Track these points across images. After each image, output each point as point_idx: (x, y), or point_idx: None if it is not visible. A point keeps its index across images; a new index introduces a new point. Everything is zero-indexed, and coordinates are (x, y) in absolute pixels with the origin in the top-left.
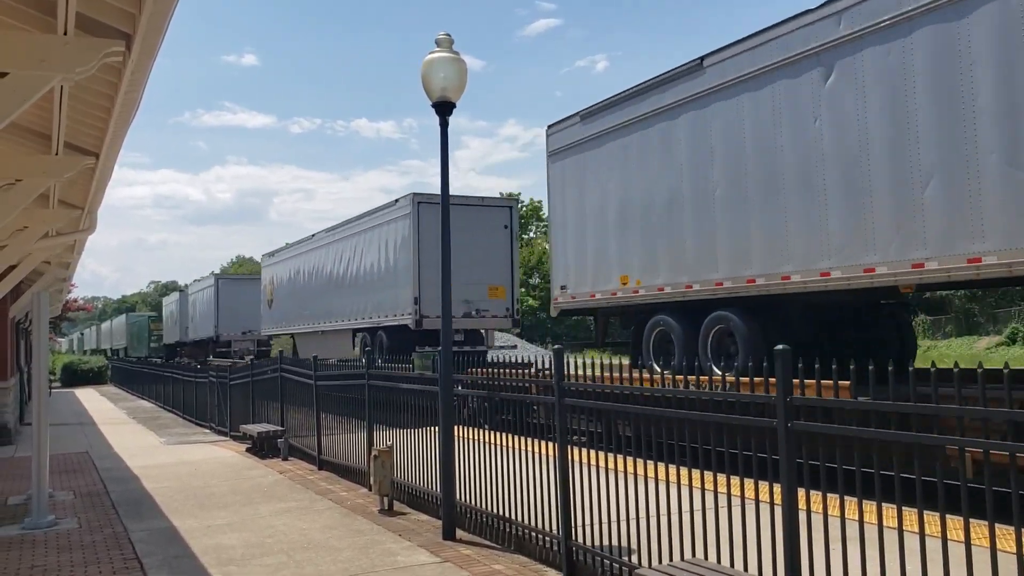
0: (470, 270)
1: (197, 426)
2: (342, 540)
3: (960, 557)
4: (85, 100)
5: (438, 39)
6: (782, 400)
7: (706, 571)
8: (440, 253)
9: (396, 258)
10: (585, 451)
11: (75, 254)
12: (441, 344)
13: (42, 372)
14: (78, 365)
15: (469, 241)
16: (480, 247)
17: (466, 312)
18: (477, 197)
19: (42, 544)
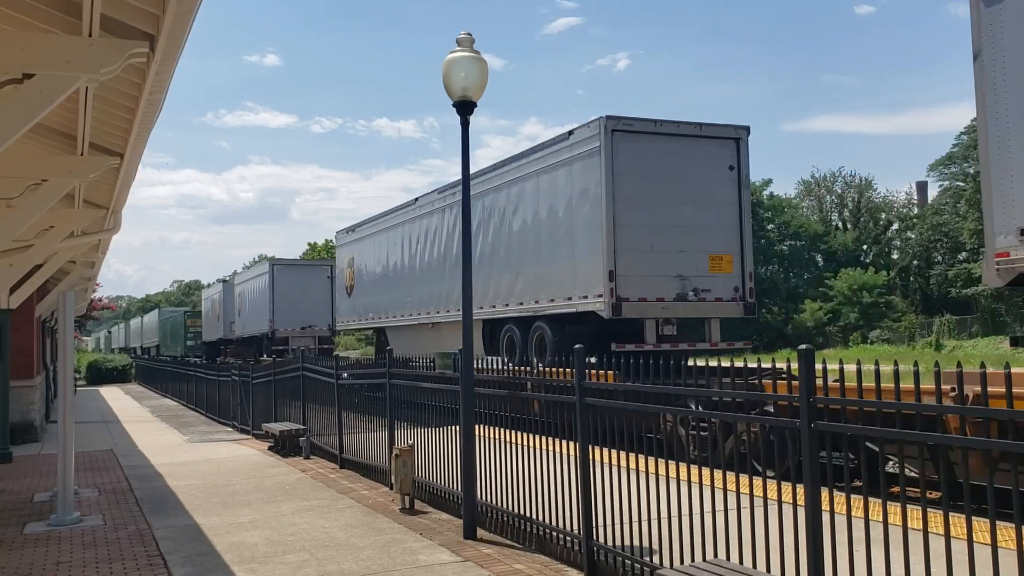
0: (682, 232)
1: (220, 424)
2: (363, 539)
3: (986, 559)
4: (110, 101)
5: (459, 38)
6: (805, 400)
7: (728, 572)
8: (651, 207)
9: (572, 216)
10: (606, 451)
11: (100, 253)
12: (463, 341)
13: (68, 370)
14: (103, 363)
15: (679, 189)
16: (694, 197)
17: (680, 293)
18: (692, 124)
19: (68, 540)
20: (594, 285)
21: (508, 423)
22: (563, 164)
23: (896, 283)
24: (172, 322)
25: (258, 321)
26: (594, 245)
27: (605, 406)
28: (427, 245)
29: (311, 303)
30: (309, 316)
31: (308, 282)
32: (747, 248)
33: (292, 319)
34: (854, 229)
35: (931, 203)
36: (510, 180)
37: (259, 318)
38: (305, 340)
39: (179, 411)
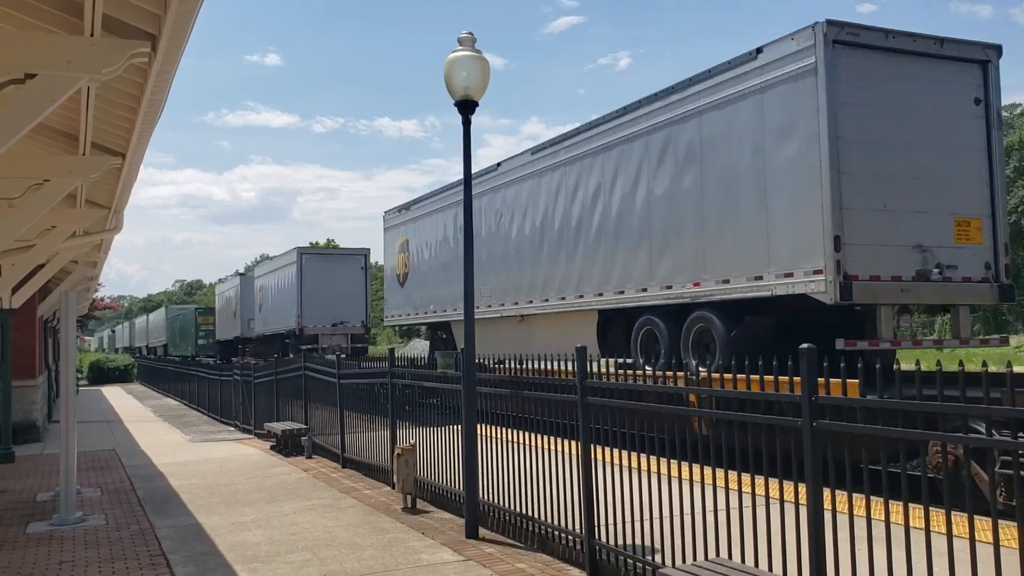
0: (921, 186)
1: (222, 424)
2: (366, 538)
3: (988, 558)
4: (111, 101)
5: (460, 38)
6: (807, 399)
7: (730, 571)
8: (883, 151)
9: (765, 163)
10: (608, 450)
11: (102, 253)
12: (464, 340)
13: (70, 370)
14: (105, 363)
15: (915, 127)
16: (934, 139)
17: (921, 269)
18: (930, 38)
19: (70, 540)
20: (806, 258)
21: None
22: (749, 94)
23: None
24: (181, 320)
25: (283, 317)
26: (806, 202)
27: (845, 431)
28: (514, 219)
29: (343, 296)
30: (341, 311)
31: (340, 273)
32: (1000, 211)
33: (322, 314)
34: None
35: None
36: (649, 127)
37: (284, 314)
38: (336, 338)
39: (181, 411)
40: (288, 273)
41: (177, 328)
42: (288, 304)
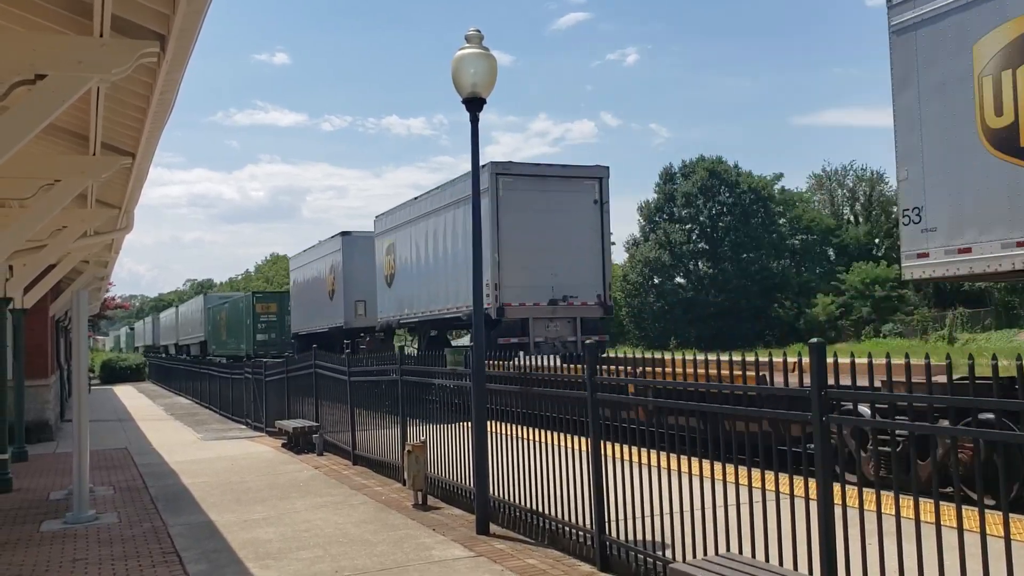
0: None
1: (233, 422)
2: (377, 534)
3: (999, 552)
4: (121, 101)
5: (468, 35)
6: (816, 393)
7: (741, 566)
8: None
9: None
10: (618, 446)
11: (113, 253)
12: (474, 335)
13: (82, 369)
14: (117, 362)
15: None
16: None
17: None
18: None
19: (84, 538)
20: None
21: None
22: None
23: None
24: (230, 310)
25: (445, 292)
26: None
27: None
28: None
29: (565, 253)
30: (564, 278)
31: (559, 212)
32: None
33: (531, 285)
34: (866, 223)
35: None
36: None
37: (454, 287)
38: (557, 326)
39: (193, 409)
40: (455, 215)
41: (223, 321)
42: (457, 269)
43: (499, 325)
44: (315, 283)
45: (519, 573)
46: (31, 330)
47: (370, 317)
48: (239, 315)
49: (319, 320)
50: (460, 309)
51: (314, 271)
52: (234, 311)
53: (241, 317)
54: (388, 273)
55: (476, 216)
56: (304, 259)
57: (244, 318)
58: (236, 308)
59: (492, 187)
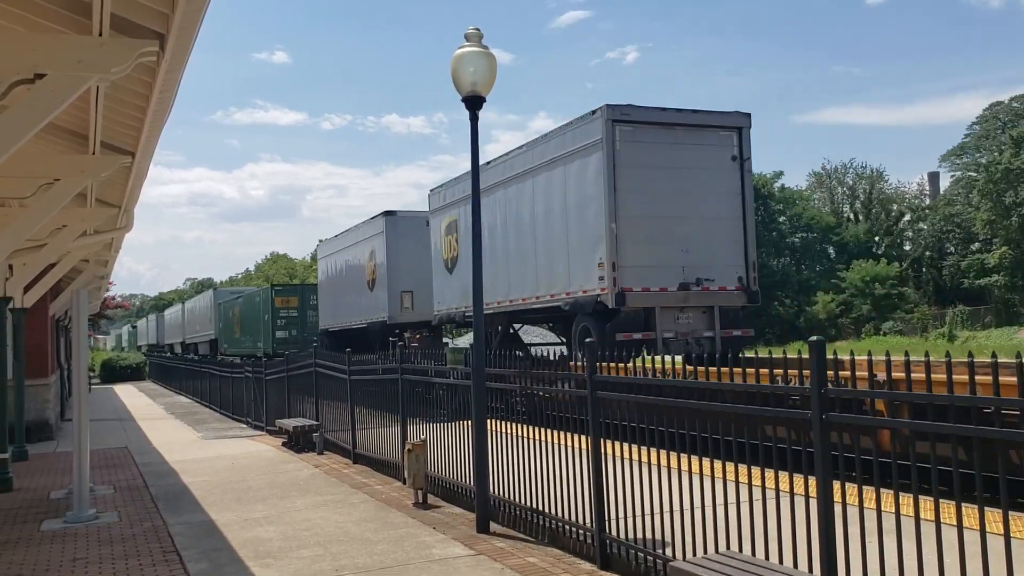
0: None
1: (233, 421)
2: (377, 533)
3: (999, 550)
4: (121, 100)
5: (467, 33)
6: (816, 392)
7: (741, 564)
8: None
9: None
10: (618, 444)
11: (113, 252)
12: (474, 335)
13: (82, 369)
14: (117, 361)
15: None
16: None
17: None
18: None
19: (84, 537)
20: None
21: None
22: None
23: (908, 274)
24: (246, 305)
25: (550, 277)
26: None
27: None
28: None
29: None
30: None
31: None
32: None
33: (657, 266)
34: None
35: (943, 194)
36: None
37: (551, 270)
38: (689, 317)
39: (193, 408)
40: (550, 179)
41: (236, 317)
42: (554, 247)
43: (617, 316)
44: (350, 272)
45: (520, 571)
46: (31, 329)
47: (419, 311)
48: (255, 311)
49: (355, 315)
50: (561, 297)
51: (349, 259)
52: (250, 306)
53: (258, 313)
54: (449, 256)
55: (476, 216)
56: (336, 245)
57: (261, 314)
58: (252, 303)
59: (607, 137)
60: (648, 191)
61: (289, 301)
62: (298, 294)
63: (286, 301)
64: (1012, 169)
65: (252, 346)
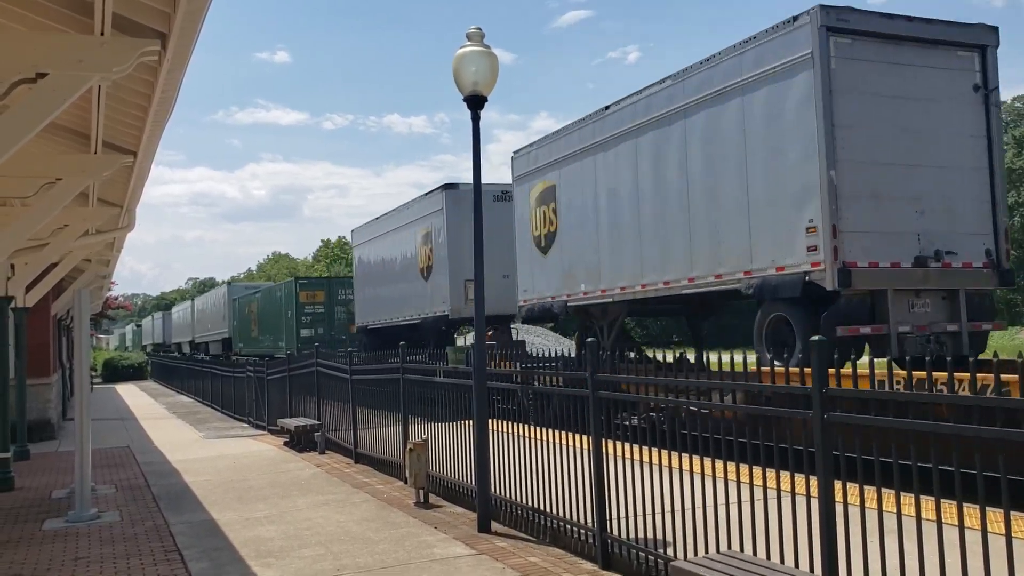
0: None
1: (235, 420)
2: (379, 532)
3: (1000, 550)
4: (122, 99)
5: (469, 33)
6: (818, 391)
7: (742, 563)
8: None
9: None
10: (619, 444)
11: (114, 251)
12: (475, 335)
13: (84, 368)
14: (119, 361)
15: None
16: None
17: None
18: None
19: (86, 536)
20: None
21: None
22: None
23: None
24: (265, 301)
25: (704, 254)
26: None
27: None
28: None
29: (932, 181)
30: (932, 223)
31: (917, 89)
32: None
33: (887, 229)
34: None
35: None
36: None
37: (706, 244)
38: (927, 304)
39: (195, 408)
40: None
41: (253, 314)
42: (714, 211)
43: (837, 303)
44: (398, 260)
45: (521, 571)
46: (33, 329)
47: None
48: (277, 306)
49: (403, 309)
50: (735, 278)
51: (396, 244)
52: (270, 302)
53: (279, 309)
54: (542, 233)
55: (478, 221)
56: (377, 229)
57: (284, 310)
58: (272, 298)
59: (820, 51)
60: (872, 129)
61: (315, 296)
62: (325, 288)
63: (311, 296)
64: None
65: (272, 345)
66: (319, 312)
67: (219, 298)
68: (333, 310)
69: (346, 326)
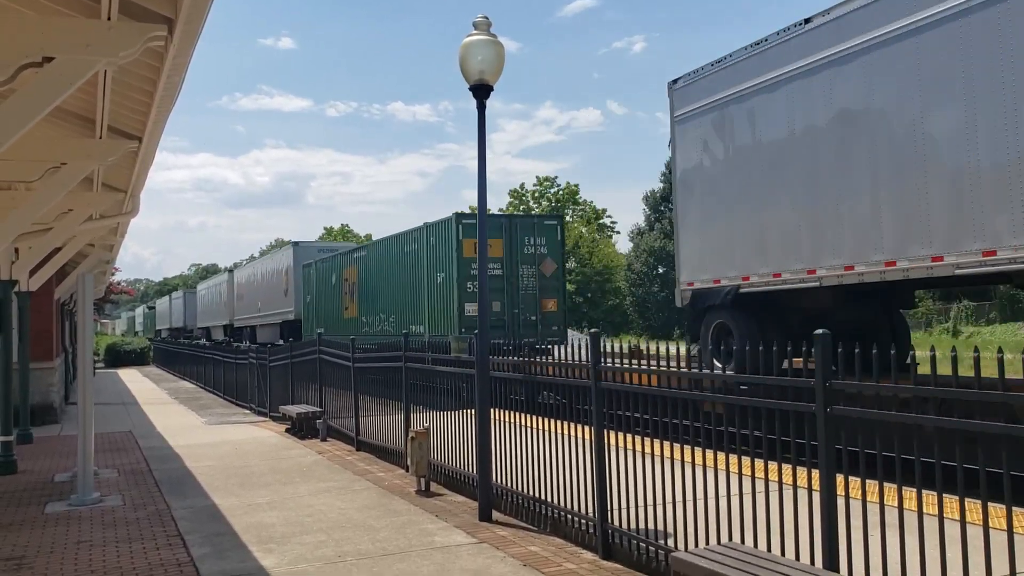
0: None
1: (237, 406)
2: (380, 520)
3: (1002, 544)
4: (128, 84)
5: (476, 22)
6: (821, 385)
7: (742, 555)
8: None
9: None
10: (621, 435)
11: (118, 236)
12: (479, 325)
13: (87, 353)
14: (122, 346)
15: None
16: None
17: None
18: None
19: (88, 520)
20: None
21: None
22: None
23: None
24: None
25: None
26: None
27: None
28: None
29: None
30: None
31: None
32: None
33: None
34: None
35: None
36: None
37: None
38: None
39: (197, 393)
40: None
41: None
42: None
43: None
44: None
45: (521, 559)
46: (36, 313)
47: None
48: (410, 266)
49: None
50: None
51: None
52: (394, 261)
53: (415, 269)
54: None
55: (481, 215)
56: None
57: (427, 270)
58: (400, 253)
59: None
60: None
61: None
62: (505, 232)
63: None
64: None
65: (395, 326)
66: (495, 274)
67: (280, 265)
68: (518, 273)
69: (538, 300)
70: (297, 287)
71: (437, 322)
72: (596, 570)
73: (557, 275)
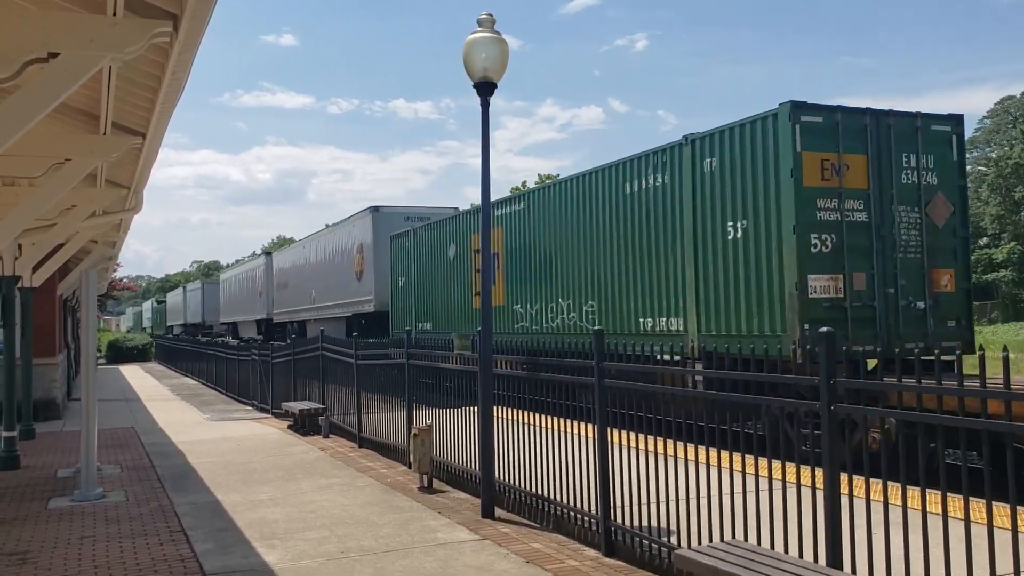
0: None
1: (239, 403)
2: (383, 516)
3: (1006, 544)
4: (132, 81)
5: (480, 19)
6: (825, 382)
7: (745, 552)
8: None
9: None
10: (624, 433)
11: (121, 233)
12: (481, 323)
13: (90, 349)
14: (124, 342)
15: None
16: None
17: None
18: None
19: (91, 516)
20: None
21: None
22: None
23: None
24: (577, 193)
25: None
26: None
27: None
28: None
29: None
30: None
31: None
32: None
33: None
34: None
35: None
36: None
37: None
38: None
39: (199, 390)
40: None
41: (504, 256)
42: None
43: None
44: None
45: (524, 556)
46: (39, 309)
47: None
48: (620, 209)
49: None
50: None
51: None
52: (577, 203)
53: (642, 216)
54: None
55: (486, 221)
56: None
57: (731, 215)
58: (596, 193)
59: None
60: None
61: (841, 178)
62: (870, 143)
63: (826, 178)
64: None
65: (596, 322)
66: (854, 220)
67: (348, 241)
68: (891, 219)
69: (926, 271)
70: (379, 268)
71: (733, 313)
72: (599, 567)
73: (956, 224)
